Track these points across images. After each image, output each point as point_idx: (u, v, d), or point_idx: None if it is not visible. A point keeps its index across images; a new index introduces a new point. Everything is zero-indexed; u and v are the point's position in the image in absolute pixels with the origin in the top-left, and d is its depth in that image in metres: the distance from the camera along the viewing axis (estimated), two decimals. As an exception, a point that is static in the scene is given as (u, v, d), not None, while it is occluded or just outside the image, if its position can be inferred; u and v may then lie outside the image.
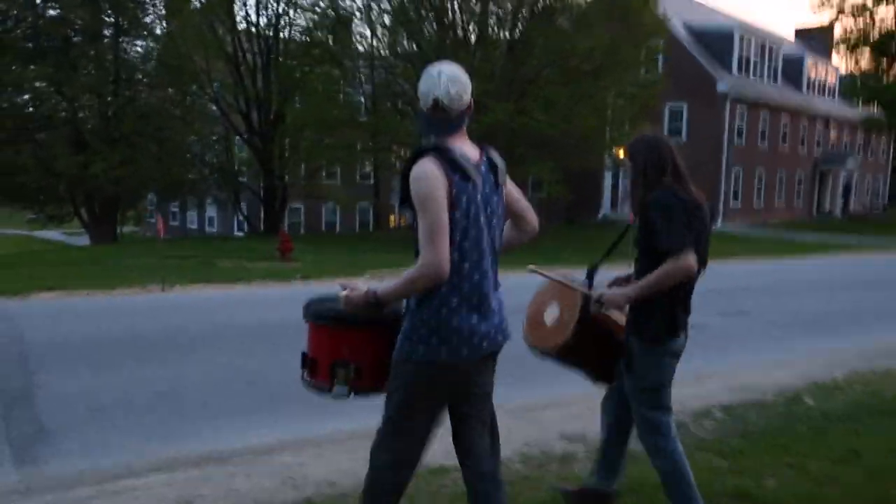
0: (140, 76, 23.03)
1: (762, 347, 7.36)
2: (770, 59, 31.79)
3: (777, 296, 10.86)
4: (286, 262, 15.24)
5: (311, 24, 25.09)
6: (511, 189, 2.61)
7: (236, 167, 26.81)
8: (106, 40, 22.43)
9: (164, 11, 23.91)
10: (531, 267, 3.02)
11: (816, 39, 39.38)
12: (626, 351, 2.97)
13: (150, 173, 21.19)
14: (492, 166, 2.50)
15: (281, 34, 25.61)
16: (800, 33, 41.31)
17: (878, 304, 10.32)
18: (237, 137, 26.37)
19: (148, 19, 23.70)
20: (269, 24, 25.27)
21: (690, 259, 2.72)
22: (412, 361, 2.41)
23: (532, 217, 2.67)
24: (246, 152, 26.71)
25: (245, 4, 25.46)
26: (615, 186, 29.92)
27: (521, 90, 19.57)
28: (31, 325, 7.60)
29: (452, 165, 2.34)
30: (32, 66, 20.57)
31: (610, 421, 3.25)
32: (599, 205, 30.18)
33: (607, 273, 3.11)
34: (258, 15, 25.20)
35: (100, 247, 19.45)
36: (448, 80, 2.39)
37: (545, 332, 3.02)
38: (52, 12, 21.88)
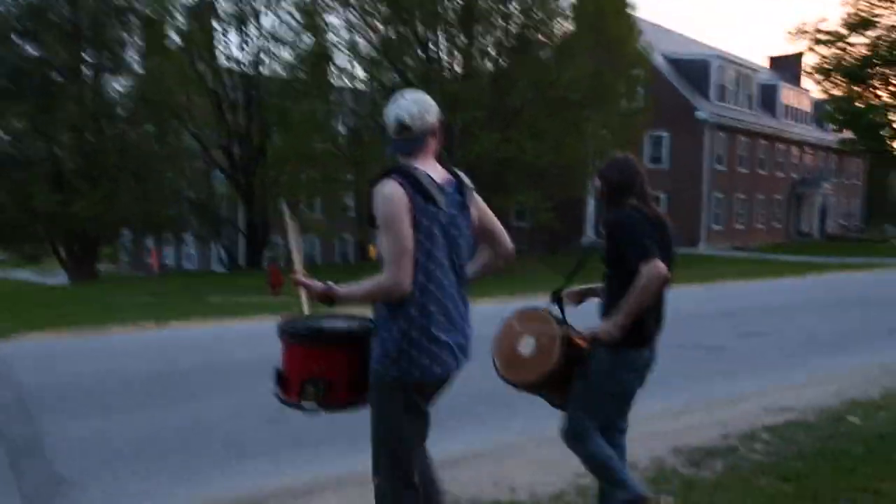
0: (120, 112, 22.67)
1: (786, 367, 7.22)
2: (745, 87, 32.40)
3: (786, 315, 10.78)
4: (276, 296, 14.91)
5: (293, 59, 25.06)
6: (485, 211, 2.66)
7: (216, 203, 26.46)
8: (86, 78, 22.11)
9: (143, 47, 23.67)
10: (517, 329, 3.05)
11: (790, 67, 40.28)
12: (587, 359, 2.96)
13: (131, 210, 20.76)
14: (459, 187, 2.55)
15: (261, 69, 25.53)
16: (774, 61, 42.21)
17: (885, 321, 10.28)
18: (217, 172, 26.07)
19: (127, 56, 23.42)
20: (250, 60, 25.19)
21: (660, 266, 2.77)
22: (387, 384, 2.46)
23: (507, 240, 2.71)
24: (227, 187, 26.40)
25: (225, 35, 25.05)
26: (599, 214, 30.10)
27: (507, 120, 19.61)
28: (26, 367, 7.23)
29: (415, 186, 2.40)
30: (10, 106, 20.14)
31: None
32: (582, 232, 30.23)
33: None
34: (241, 50, 25.14)
35: (82, 285, 18.92)
36: (412, 101, 2.51)
37: (525, 363, 2.96)
38: (31, 51, 21.55)
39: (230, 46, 23.87)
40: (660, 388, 6.17)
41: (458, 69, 21.71)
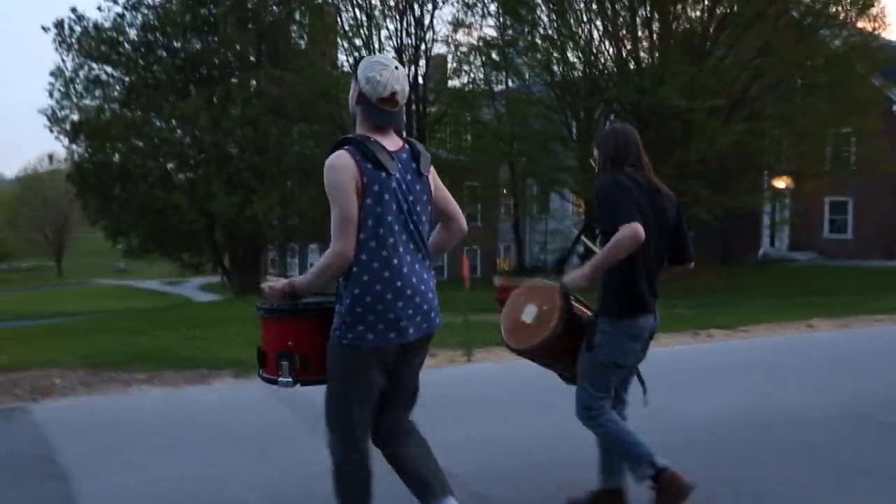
0: (289, 109, 21.02)
1: None
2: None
3: None
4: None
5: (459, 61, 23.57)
6: (441, 190, 2.64)
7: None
8: (255, 72, 20.60)
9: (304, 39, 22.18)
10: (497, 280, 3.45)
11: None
12: (590, 329, 3.00)
13: (309, 214, 18.97)
14: (414, 155, 2.53)
15: (419, 73, 23.97)
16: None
17: None
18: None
19: (287, 49, 21.89)
20: (410, 58, 23.58)
21: (636, 228, 2.75)
22: (341, 346, 2.45)
23: (461, 218, 2.70)
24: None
25: (377, 32, 23.47)
26: (772, 222, 27.05)
27: (734, 108, 17.10)
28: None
29: (365, 154, 2.39)
30: (184, 100, 18.73)
31: None
32: (759, 245, 27.19)
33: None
34: (400, 51, 23.44)
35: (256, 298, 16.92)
36: (403, 76, 2.48)
37: (528, 330, 3.05)
38: (197, 45, 20.24)
39: (390, 38, 22.19)
40: None
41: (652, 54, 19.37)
